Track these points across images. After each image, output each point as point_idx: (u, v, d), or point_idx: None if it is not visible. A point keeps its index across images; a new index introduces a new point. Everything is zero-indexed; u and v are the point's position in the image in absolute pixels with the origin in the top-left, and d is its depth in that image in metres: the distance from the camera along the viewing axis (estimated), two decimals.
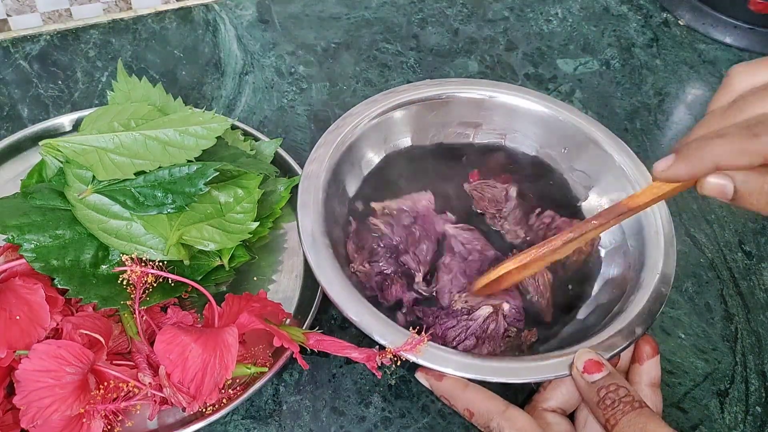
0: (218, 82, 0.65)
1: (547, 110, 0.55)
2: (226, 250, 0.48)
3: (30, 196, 0.46)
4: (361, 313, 0.42)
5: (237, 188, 0.48)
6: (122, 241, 0.45)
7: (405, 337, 0.40)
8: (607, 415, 0.38)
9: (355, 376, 0.47)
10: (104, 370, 0.41)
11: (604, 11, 0.77)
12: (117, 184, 0.45)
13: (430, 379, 0.42)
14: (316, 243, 0.45)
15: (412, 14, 0.74)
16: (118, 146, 0.46)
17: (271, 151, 0.54)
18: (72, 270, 0.44)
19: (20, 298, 0.41)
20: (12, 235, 0.43)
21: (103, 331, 0.42)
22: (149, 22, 0.69)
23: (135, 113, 0.47)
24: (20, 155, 0.55)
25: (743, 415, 0.48)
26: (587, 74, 0.70)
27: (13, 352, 0.39)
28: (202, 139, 0.47)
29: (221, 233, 0.47)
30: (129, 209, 0.45)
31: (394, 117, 0.54)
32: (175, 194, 0.45)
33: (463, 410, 0.41)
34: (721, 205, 0.60)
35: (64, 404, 0.38)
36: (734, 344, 0.51)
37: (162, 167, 0.45)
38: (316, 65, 0.67)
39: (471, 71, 0.69)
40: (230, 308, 0.44)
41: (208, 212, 0.47)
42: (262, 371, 0.43)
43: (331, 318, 0.50)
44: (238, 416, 0.45)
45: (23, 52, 0.65)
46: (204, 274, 0.47)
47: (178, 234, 0.45)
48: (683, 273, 0.55)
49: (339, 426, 0.45)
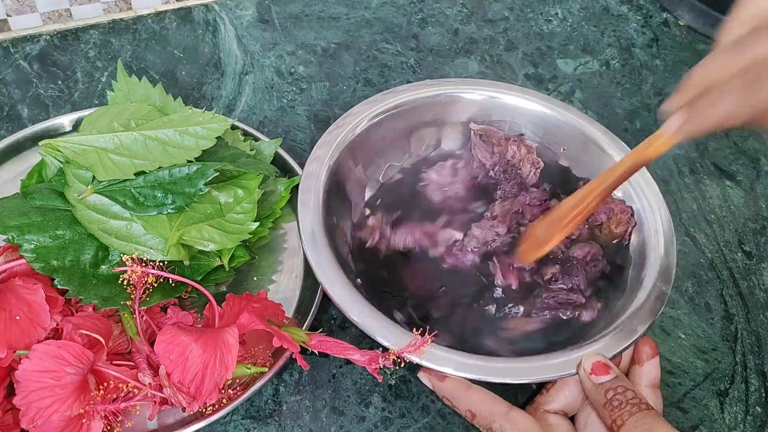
0: (218, 82, 0.65)
1: (547, 110, 0.55)
2: (226, 250, 0.48)
3: (30, 197, 0.46)
4: (364, 315, 0.42)
5: (237, 188, 0.48)
6: (122, 242, 0.45)
7: (408, 338, 0.40)
8: (614, 416, 0.38)
9: (355, 376, 0.47)
10: (104, 370, 0.41)
11: (604, 11, 0.77)
12: (117, 184, 0.45)
13: (433, 380, 0.42)
14: (316, 243, 0.45)
15: (412, 14, 0.74)
16: (118, 146, 0.46)
17: (271, 151, 0.54)
18: (72, 270, 0.44)
19: (20, 298, 0.41)
20: (12, 235, 0.43)
21: (103, 331, 0.42)
22: (149, 22, 0.69)
23: (135, 113, 0.47)
24: (20, 155, 0.55)
25: (743, 415, 0.48)
26: (587, 74, 0.70)
27: (13, 352, 0.39)
28: (202, 139, 0.47)
29: (221, 233, 0.47)
30: (129, 209, 0.45)
31: (393, 117, 0.54)
32: (175, 194, 0.45)
33: (465, 411, 0.41)
34: (721, 205, 0.60)
35: (65, 405, 0.38)
36: (734, 344, 0.52)
37: (162, 167, 0.45)
38: (316, 65, 0.67)
39: (471, 71, 0.69)
40: (231, 308, 0.44)
41: (208, 212, 0.47)
42: (262, 371, 0.43)
43: (331, 318, 0.50)
44: (238, 416, 0.45)
45: (23, 52, 0.65)
46: (204, 274, 0.47)
47: (178, 234, 0.45)
48: (683, 273, 0.55)
49: (339, 426, 0.45)
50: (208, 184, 0.45)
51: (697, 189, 0.61)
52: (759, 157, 0.64)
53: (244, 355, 0.43)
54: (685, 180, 0.62)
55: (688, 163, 0.63)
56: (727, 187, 0.62)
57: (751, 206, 0.61)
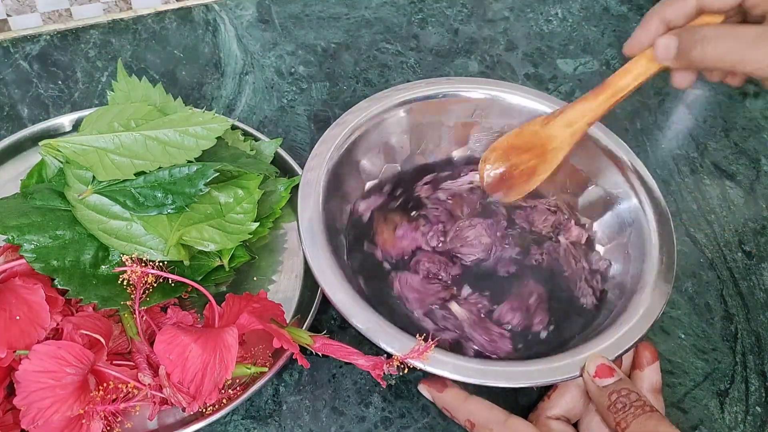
0: (218, 82, 0.65)
1: (547, 109, 0.55)
2: (226, 250, 0.48)
3: (30, 197, 0.46)
4: (367, 320, 0.41)
5: (237, 188, 0.48)
6: (122, 242, 0.45)
7: (410, 343, 0.40)
8: (618, 418, 0.38)
9: (355, 376, 0.47)
10: (104, 370, 0.41)
11: (604, 11, 0.77)
12: (117, 184, 0.45)
13: (432, 391, 0.42)
14: (316, 243, 0.45)
15: (412, 14, 0.74)
16: (118, 147, 0.46)
17: (271, 151, 0.54)
18: (72, 270, 0.44)
19: (20, 298, 0.41)
20: (12, 235, 0.43)
21: (103, 331, 0.42)
22: (149, 22, 0.69)
23: (135, 113, 0.47)
24: (20, 155, 0.55)
25: (743, 415, 0.48)
26: (587, 74, 0.70)
27: (13, 352, 0.39)
28: (202, 139, 0.47)
29: (221, 234, 0.47)
30: (129, 210, 0.45)
31: (393, 116, 0.54)
32: (175, 195, 0.45)
33: (465, 421, 0.41)
34: (721, 205, 0.60)
35: (65, 405, 0.38)
36: (734, 344, 0.51)
37: (162, 168, 0.45)
38: (316, 65, 0.67)
39: (471, 71, 0.69)
40: (230, 308, 0.44)
41: (208, 213, 0.47)
42: (262, 371, 0.43)
43: (331, 318, 0.50)
44: (238, 416, 0.45)
45: (23, 52, 0.65)
46: (204, 274, 0.47)
47: (178, 235, 0.45)
48: (683, 273, 0.55)
49: (339, 426, 0.45)
50: (208, 185, 0.45)
51: (697, 189, 0.61)
52: (759, 158, 0.64)
53: (244, 355, 0.43)
54: (685, 180, 0.62)
55: (688, 163, 0.63)
56: (727, 187, 0.62)
57: (751, 206, 0.60)
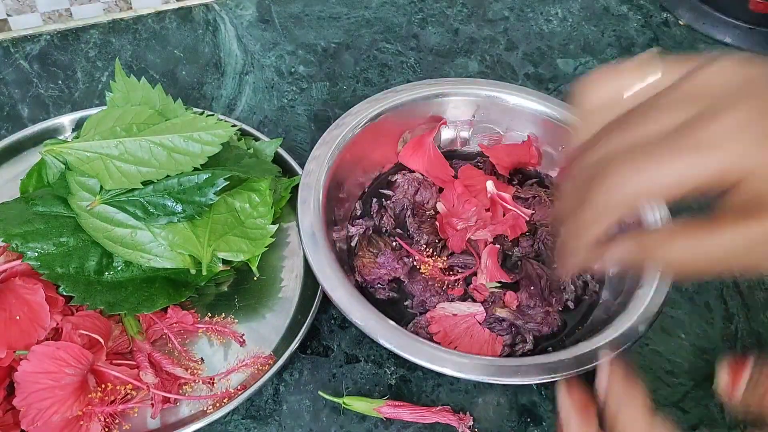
0: (218, 82, 0.65)
1: (547, 110, 0.55)
2: (253, 257, 0.48)
3: (32, 202, 0.46)
4: (366, 317, 0.42)
5: (251, 193, 0.48)
6: (128, 249, 0.45)
7: (408, 340, 0.40)
8: None
9: (355, 376, 0.47)
10: (104, 370, 0.41)
11: (604, 11, 0.77)
12: (125, 194, 0.45)
13: None
14: (316, 243, 0.45)
15: (412, 14, 0.74)
16: (122, 153, 0.45)
17: (272, 151, 0.54)
18: (77, 277, 0.44)
19: (20, 298, 0.41)
20: (16, 243, 0.43)
21: (103, 331, 0.42)
22: (149, 22, 0.69)
23: (136, 117, 0.47)
24: (20, 155, 0.55)
25: (743, 415, 0.48)
26: (587, 74, 0.70)
27: (13, 353, 0.39)
28: (207, 145, 0.46)
29: (247, 242, 0.47)
30: (139, 220, 0.45)
31: (393, 116, 0.54)
32: (185, 203, 0.45)
33: None
34: None
35: (64, 405, 0.38)
36: (734, 344, 0.51)
37: (170, 176, 0.45)
38: (316, 65, 0.67)
39: (471, 71, 0.69)
40: None
41: (229, 222, 0.47)
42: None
43: (331, 318, 0.50)
44: (238, 416, 0.45)
45: (23, 52, 0.65)
46: (207, 279, 0.47)
47: (210, 251, 0.46)
48: None
49: (339, 426, 0.45)
50: (218, 193, 0.45)
51: None
52: None
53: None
54: None
55: None
56: None
57: None
